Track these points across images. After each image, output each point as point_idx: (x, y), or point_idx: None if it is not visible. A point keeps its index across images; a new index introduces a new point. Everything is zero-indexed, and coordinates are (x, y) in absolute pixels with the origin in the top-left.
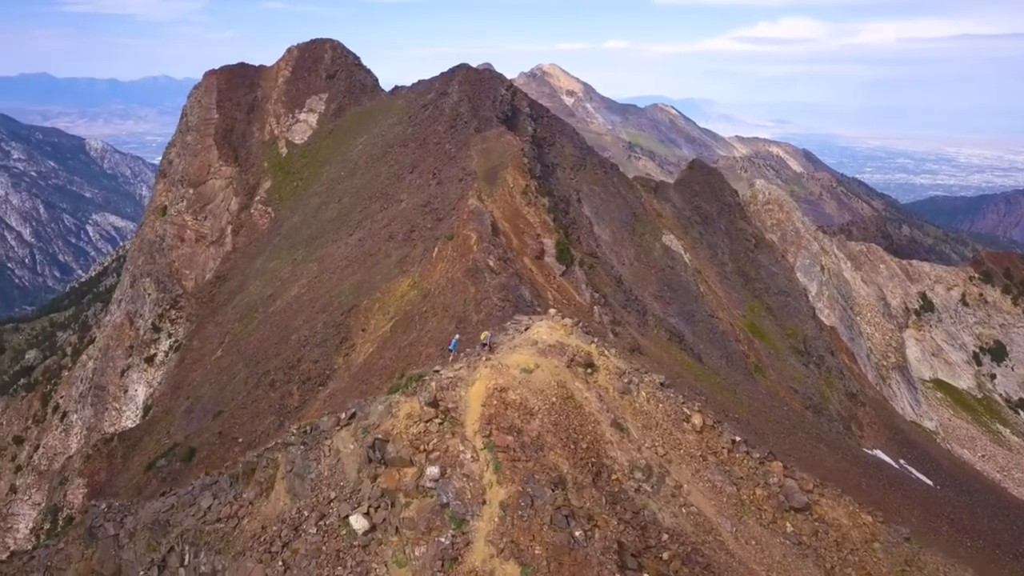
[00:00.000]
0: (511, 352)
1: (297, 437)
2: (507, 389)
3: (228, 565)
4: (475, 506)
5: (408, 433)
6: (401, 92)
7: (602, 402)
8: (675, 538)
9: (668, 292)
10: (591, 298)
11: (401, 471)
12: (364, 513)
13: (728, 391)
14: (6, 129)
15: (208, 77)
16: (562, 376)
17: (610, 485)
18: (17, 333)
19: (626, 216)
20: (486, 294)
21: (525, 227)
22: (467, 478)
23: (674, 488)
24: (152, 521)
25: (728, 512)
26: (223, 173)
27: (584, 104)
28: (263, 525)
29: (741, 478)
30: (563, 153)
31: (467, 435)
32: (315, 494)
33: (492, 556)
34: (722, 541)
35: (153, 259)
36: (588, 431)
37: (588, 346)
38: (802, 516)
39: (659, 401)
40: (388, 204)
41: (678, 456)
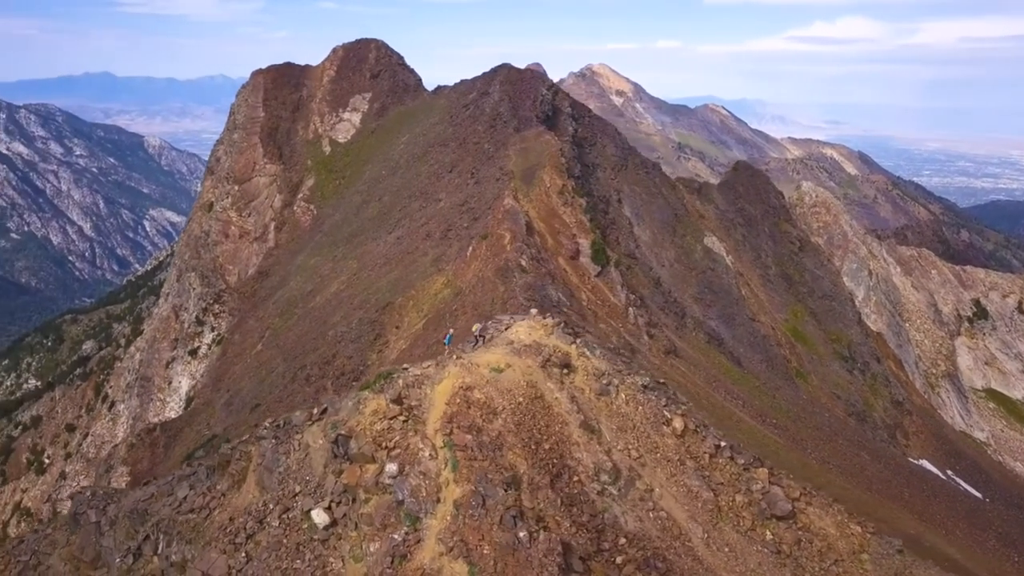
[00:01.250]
0: (485, 351)
1: (269, 431)
2: (473, 388)
3: (197, 555)
4: (429, 504)
5: (372, 430)
6: (443, 92)
7: (574, 403)
8: (634, 542)
9: (708, 295)
10: (626, 299)
11: (363, 467)
12: (326, 508)
13: (767, 396)
14: (70, 126)
15: (255, 76)
16: (534, 376)
17: (570, 487)
18: (75, 324)
19: (667, 217)
20: (512, 293)
21: (561, 227)
22: (423, 476)
23: (644, 492)
24: (131, 509)
25: (702, 518)
26: (268, 171)
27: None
28: (231, 516)
29: (721, 484)
30: (604, 153)
31: (428, 433)
32: (282, 487)
33: (441, 554)
34: (691, 547)
35: (198, 254)
36: (554, 432)
37: (567, 346)
38: (784, 524)
39: (639, 403)
40: (427, 203)
41: (653, 459)
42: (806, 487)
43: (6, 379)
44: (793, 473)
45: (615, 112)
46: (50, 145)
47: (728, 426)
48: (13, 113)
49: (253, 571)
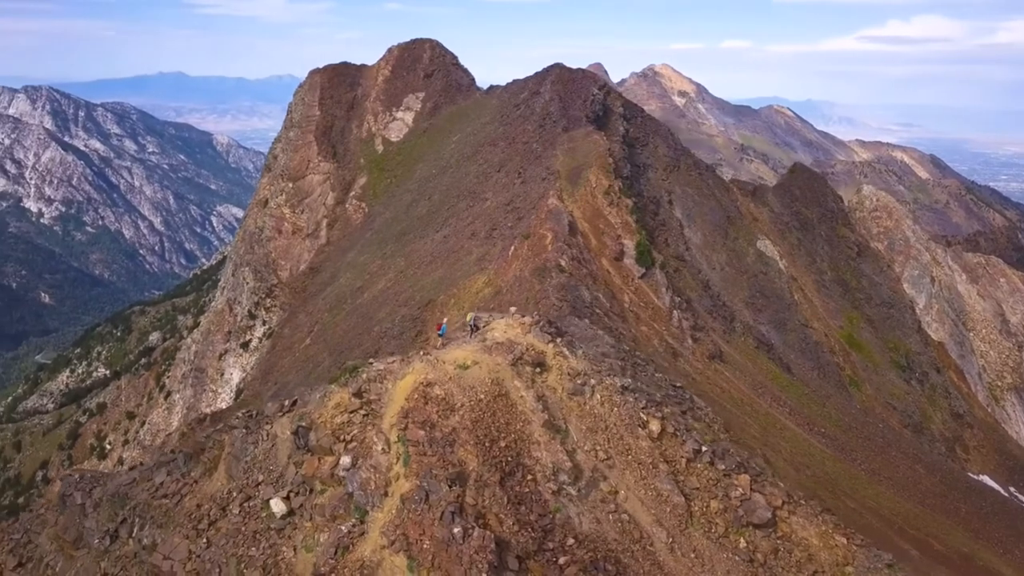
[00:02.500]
0: (456, 348)
1: (241, 421)
2: (433, 384)
3: (164, 538)
4: (377, 497)
5: (332, 423)
6: (496, 91)
7: (540, 402)
8: (585, 544)
9: (760, 299)
10: (671, 302)
11: (321, 459)
12: (284, 498)
13: (816, 404)
14: (143, 124)
15: (312, 76)
16: (501, 374)
17: (522, 485)
18: (143, 316)
19: (719, 219)
20: (544, 293)
21: (605, 228)
22: (374, 469)
23: (608, 493)
24: (113, 493)
25: (669, 522)
26: (321, 169)
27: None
28: (199, 503)
29: (696, 489)
30: (656, 154)
31: (383, 428)
32: (247, 476)
33: (383, 547)
34: (652, 551)
35: (252, 249)
36: (514, 430)
37: (544, 345)
38: (762, 532)
39: (615, 405)
40: (474, 202)
41: (624, 462)
42: (791, 495)
43: (78, 367)
44: (837, 483)
45: (676, 113)
46: (124, 142)
47: (771, 433)
48: (91, 111)
49: (210, 556)
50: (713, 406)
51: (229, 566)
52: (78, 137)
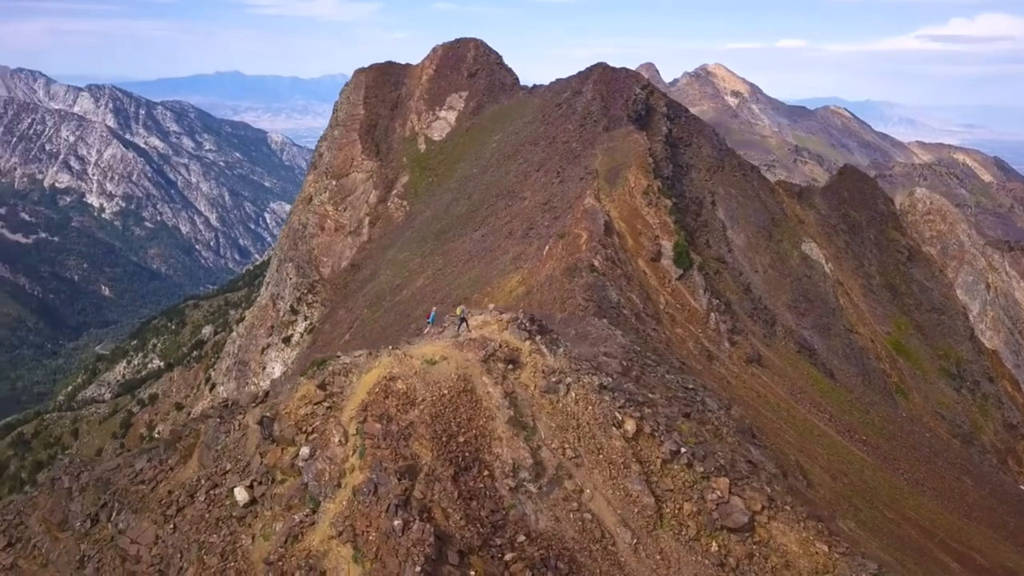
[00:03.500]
0: (428, 343)
1: (216, 410)
2: (396, 378)
3: (135, 523)
4: (330, 488)
5: (296, 414)
6: (538, 91)
7: (508, 398)
8: (538, 541)
9: (803, 303)
10: (708, 304)
11: (284, 449)
12: (247, 487)
13: (859, 411)
14: (201, 122)
15: (357, 75)
16: (469, 370)
17: (476, 481)
18: (197, 309)
19: (764, 221)
20: (571, 293)
21: (643, 228)
22: (330, 461)
23: (572, 492)
24: (97, 478)
25: (636, 523)
26: (365, 167)
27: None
28: (170, 489)
29: (670, 490)
30: (700, 154)
31: (343, 420)
32: (216, 464)
33: (331, 538)
34: (613, 552)
35: (296, 246)
36: (475, 426)
37: (521, 343)
38: (738, 537)
39: (590, 403)
40: (513, 201)
41: (593, 461)
42: (773, 500)
43: (134, 358)
44: (876, 493)
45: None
46: (183, 140)
47: (808, 440)
48: (151, 109)
49: (174, 542)
50: (747, 411)
51: (191, 552)
52: (139, 135)
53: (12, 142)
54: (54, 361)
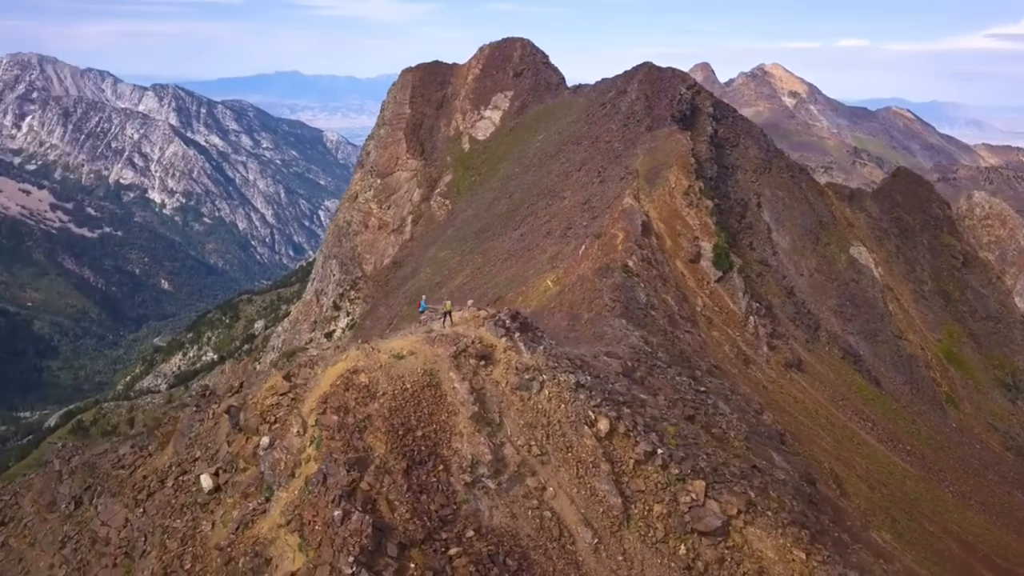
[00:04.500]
0: (399, 337)
1: (194, 400)
2: (360, 372)
3: (109, 506)
4: (284, 478)
5: (262, 404)
6: (583, 90)
7: (474, 394)
8: (487, 536)
9: (849, 308)
10: (747, 307)
11: (249, 439)
12: (213, 474)
13: (905, 420)
14: (259, 121)
15: (404, 74)
16: (437, 365)
17: (430, 475)
18: (250, 304)
19: (811, 224)
20: (599, 293)
21: (683, 229)
22: (286, 451)
23: (534, 489)
24: (85, 462)
25: (600, 523)
26: (409, 166)
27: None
28: (145, 475)
29: (640, 491)
30: (746, 155)
31: (303, 411)
32: (188, 452)
33: (280, 526)
34: (572, 551)
35: (340, 243)
36: (436, 421)
37: (496, 339)
38: (709, 540)
39: (563, 401)
40: (553, 201)
41: (561, 459)
42: (752, 504)
43: (189, 350)
44: (917, 505)
45: (786, 114)
46: (241, 138)
47: (846, 447)
48: (212, 108)
49: (140, 525)
50: (782, 416)
51: (155, 535)
52: (199, 133)
53: (80, 139)
54: (114, 351)
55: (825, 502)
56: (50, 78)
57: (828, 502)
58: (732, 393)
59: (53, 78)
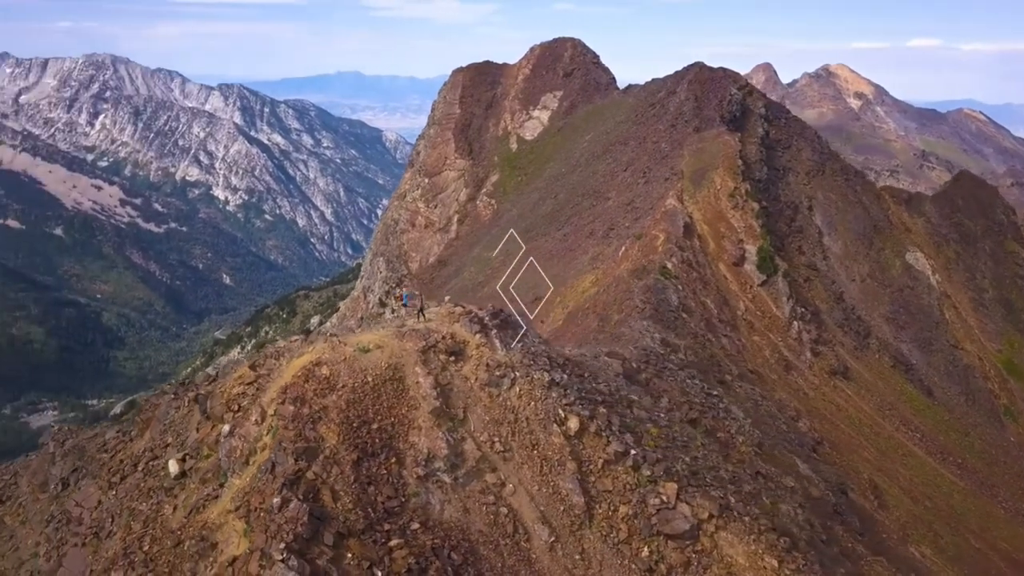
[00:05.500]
0: (369, 331)
1: (172, 388)
2: (322, 364)
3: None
4: (239, 465)
5: (229, 393)
6: (633, 90)
7: (437, 389)
8: (433, 530)
9: (903, 315)
10: (790, 312)
11: (215, 426)
12: (180, 459)
13: (957, 432)
14: (320, 120)
15: (455, 75)
16: (402, 359)
17: (381, 467)
18: (307, 300)
19: (865, 228)
20: (628, 294)
21: (727, 231)
22: (243, 439)
23: (492, 485)
24: (76, 445)
25: (559, 522)
26: (457, 165)
27: (873, 107)
28: (122, 459)
29: (607, 491)
30: (799, 157)
31: (264, 401)
32: (161, 438)
33: (229, 512)
34: (525, 548)
35: (387, 240)
36: (395, 414)
37: (470, 336)
38: (676, 544)
39: (534, 399)
40: (597, 201)
41: (525, 456)
42: (727, 509)
43: (247, 344)
44: (963, 520)
45: (851, 116)
46: (302, 137)
47: (889, 458)
48: (275, 108)
49: (110, 507)
50: (822, 424)
51: (122, 517)
52: (262, 131)
53: (150, 137)
54: (177, 343)
55: (854, 512)
56: (122, 78)
57: (861, 513)
58: (763, 399)
59: (125, 78)
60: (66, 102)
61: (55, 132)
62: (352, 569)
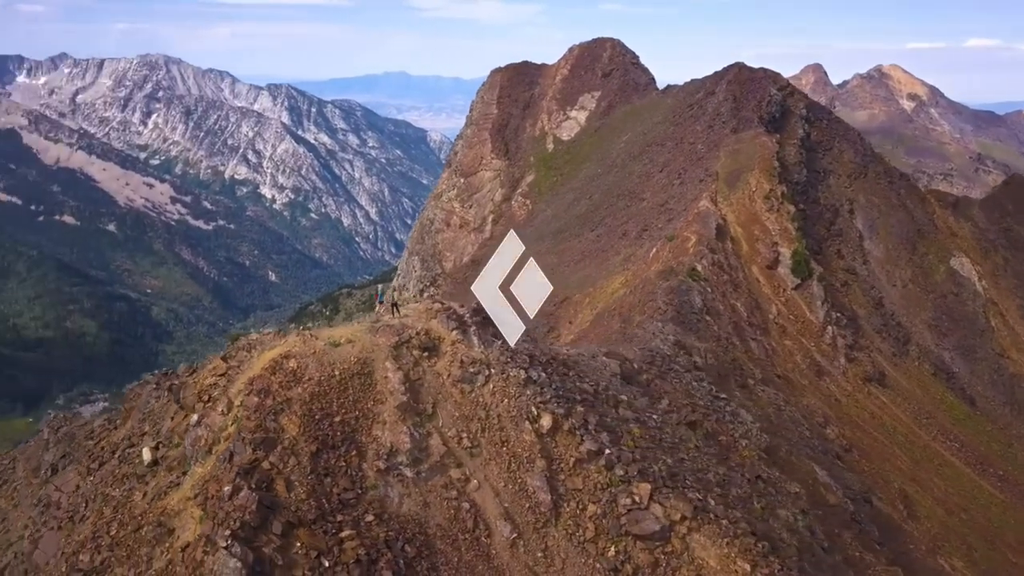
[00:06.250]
0: (343, 326)
1: (155, 378)
2: (291, 357)
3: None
4: (202, 454)
5: (202, 384)
6: (672, 91)
7: (406, 384)
8: (388, 522)
9: (946, 322)
10: (825, 317)
11: (187, 416)
12: (153, 447)
13: (1000, 443)
14: (366, 120)
15: (493, 75)
16: (374, 354)
17: (340, 459)
18: (350, 298)
19: (908, 232)
20: (652, 296)
21: (761, 234)
22: (208, 428)
23: (456, 480)
24: (67, 432)
25: (523, 519)
26: (493, 165)
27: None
28: (103, 446)
29: (577, 490)
30: (840, 159)
31: (231, 392)
32: (139, 426)
33: (188, 499)
34: (485, 544)
35: (422, 240)
36: (360, 408)
37: (446, 332)
38: (644, 544)
39: (508, 396)
40: (631, 202)
41: (493, 452)
42: (702, 511)
43: None
44: (1001, 534)
45: (903, 118)
46: (348, 137)
47: (924, 468)
48: (322, 108)
49: (85, 492)
50: (853, 431)
51: (95, 502)
52: (309, 131)
53: (200, 136)
54: (223, 339)
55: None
56: (175, 78)
57: (887, 522)
58: (786, 404)
59: (177, 78)
60: (120, 102)
61: (109, 131)
62: (300, 558)
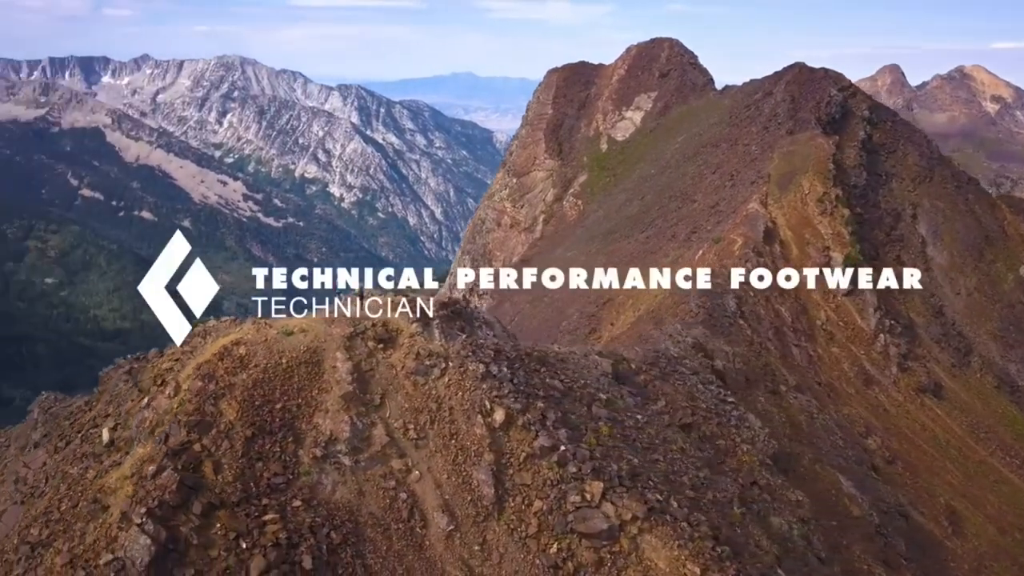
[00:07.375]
0: (301, 317)
1: (129, 361)
2: (241, 344)
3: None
4: (145, 435)
5: (159, 367)
6: (729, 91)
7: (354, 374)
8: (316, 508)
9: (1014, 332)
10: (877, 324)
11: (142, 398)
12: (111, 428)
13: None
14: (433, 121)
15: (549, 75)
16: (325, 344)
17: (275, 445)
18: None
19: (975, 239)
20: (684, 299)
21: (812, 237)
22: (154, 411)
23: (396, 471)
24: (53, 413)
25: (463, 512)
26: (546, 165)
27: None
28: (74, 426)
29: (524, 486)
30: (904, 162)
31: (181, 377)
32: (106, 408)
33: (126, 478)
34: (419, 534)
35: (474, 239)
36: (303, 396)
37: (405, 325)
38: (590, 543)
39: (463, 389)
40: (683, 204)
41: (440, 444)
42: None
43: None
44: None
45: (986, 120)
46: (416, 137)
47: (977, 484)
48: (390, 108)
49: (48, 469)
50: (901, 443)
51: (54, 479)
52: (377, 131)
53: (272, 136)
54: None
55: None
56: (249, 79)
57: (927, 538)
58: (819, 412)
59: (252, 78)
60: (198, 101)
61: (187, 130)
62: (218, 539)
